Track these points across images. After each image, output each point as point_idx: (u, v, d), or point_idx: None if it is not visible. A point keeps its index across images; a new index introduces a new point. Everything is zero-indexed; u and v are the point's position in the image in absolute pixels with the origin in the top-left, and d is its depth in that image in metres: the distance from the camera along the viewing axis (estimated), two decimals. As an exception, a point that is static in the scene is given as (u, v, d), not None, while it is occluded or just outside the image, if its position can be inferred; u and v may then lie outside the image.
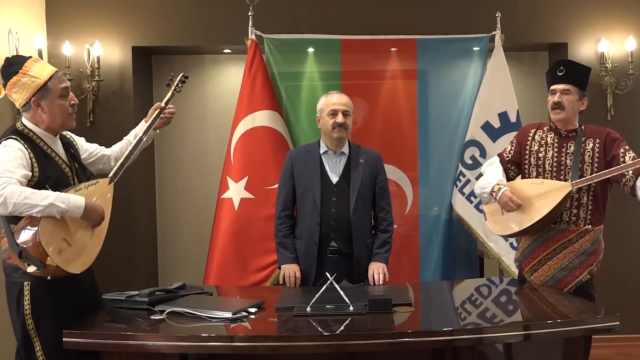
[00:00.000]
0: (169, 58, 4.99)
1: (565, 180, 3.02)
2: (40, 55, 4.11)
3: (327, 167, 3.33)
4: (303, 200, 3.33)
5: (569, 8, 4.59)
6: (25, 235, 2.44)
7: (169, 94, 3.12)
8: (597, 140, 3.03)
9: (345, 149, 3.35)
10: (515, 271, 3.44)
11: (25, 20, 4.17)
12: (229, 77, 5.02)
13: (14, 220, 2.49)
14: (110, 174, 2.83)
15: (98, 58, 4.41)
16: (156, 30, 4.56)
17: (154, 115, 3.04)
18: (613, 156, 2.98)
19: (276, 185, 3.51)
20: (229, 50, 4.90)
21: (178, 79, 3.15)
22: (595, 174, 2.95)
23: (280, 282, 3.35)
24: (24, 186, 2.47)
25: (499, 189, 3.09)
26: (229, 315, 2.47)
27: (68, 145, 2.80)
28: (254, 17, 4.26)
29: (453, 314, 2.80)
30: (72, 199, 2.51)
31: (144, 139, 3.00)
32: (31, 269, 2.44)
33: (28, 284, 2.57)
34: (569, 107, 3.05)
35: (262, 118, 4.17)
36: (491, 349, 2.52)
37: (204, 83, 5.03)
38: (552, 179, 3.07)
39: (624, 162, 2.93)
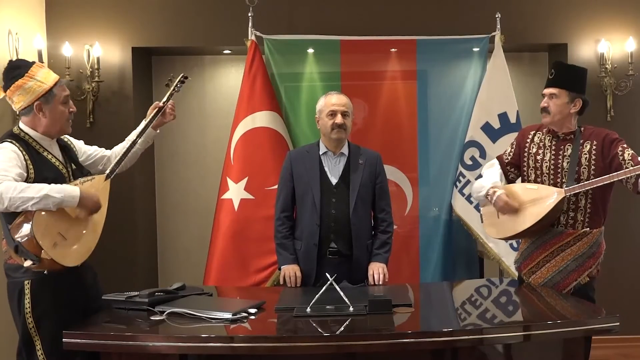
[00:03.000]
0: (168, 59, 4.99)
1: (562, 183, 3.02)
2: (40, 56, 4.11)
3: (326, 168, 3.33)
4: (302, 202, 3.33)
5: (569, 9, 4.59)
6: (21, 230, 2.49)
7: (168, 93, 3.13)
8: (595, 143, 3.01)
9: (345, 150, 3.35)
10: (515, 272, 3.43)
11: (25, 21, 4.17)
12: (228, 78, 5.02)
13: (11, 217, 2.54)
14: (107, 171, 2.87)
15: (98, 59, 4.41)
16: (156, 31, 4.56)
17: (152, 114, 3.07)
18: (612, 156, 2.96)
19: (276, 186, 3.51)
20: (229, 51, 4.90)
21: (178, 79, 3.16)
22: (589, 181, 2.92)
23: (281, 283, 3.35)
24: None
25: (494, 192, 3.08)
26: (228, 316, 2.47)
27: (65, 148, 2.85)
28: (253, 17, 4.26)
29: (453, 315, 2.80)
30: (66, 189, 2.55)
31: (141, 138, 3.03)
32: (27, 263, 2.49)
33: (29, 283, 2.60)
34: (555, 111, 3.04)
35: (262, 119, 4.18)
36: (491, 349, 2.52)
37: (203, 84, 5.04)
38: (549, 181, 3.06)
39: (623, 159, 2.91)
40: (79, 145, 2.98)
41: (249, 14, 4.25)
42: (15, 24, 4.01)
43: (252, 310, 2.57)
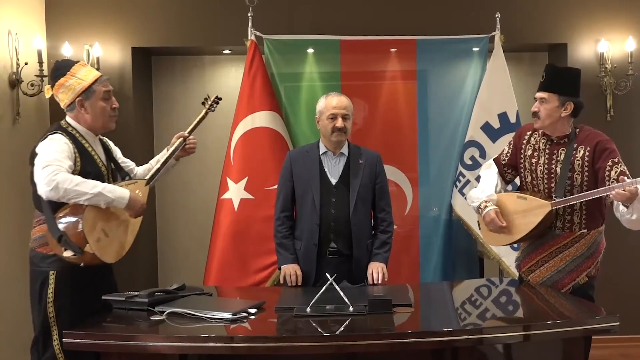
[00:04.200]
0: (168, 59, 4.99)
1: (556, 189, 3.00)
2: (40, 56, 4.11)
3: (326, 168, 3.33)
4: (302, 201, 3.33)
5: (569, 9, 4.59)
6: (67, 222, 2.60)
7: (203, 112, 3.27)
8: (588, 148, 2.97)
9: (345, 150, 3.35)
10: (515, 271, 3.44)
11: (25, 21, 4.17)
12: (228, 78, 5.02)
13: (57, 206, 2.64)
14: (147, 177, 3.03)
15: (97, 59, 4.40)
16: (156, 31, 4.56)
17: (176, 143, 3.16)
18: (599, 168, 2.92)
19: (276, 186, 3.51)
20: (229, 51, 4.90)
21: (212, 99, 3.31)
22: (574, 196, 2.91)
23: (281, 283, 3.36)
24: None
25: (485, 206, 3.09)
26: (228, 315, 2.47)
27: (105, 147, 2.98)
28: (253, 17, 4.26)
29: (453, 315, 2.80)
30: (118, 190, 2.69)
31: (167, 164, 3.12)
32: (68, 253, 2.59)
33: (54, 274, 2.69)
34: (544, 116, 3.02)
35: (261, 119, 4.18)
36: (491, 349, 2.52)
37: (203, 84, 5.03)
38: (543, 185, 3.05)
39: (608, 176, 2.88)
40: (116, 151, 3.10)
41: (249, 14, 4.26)
42: (15, 24, 4.01)
43: (252, 310, 2.57)
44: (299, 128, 4.32)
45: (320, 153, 3.34)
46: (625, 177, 2.75)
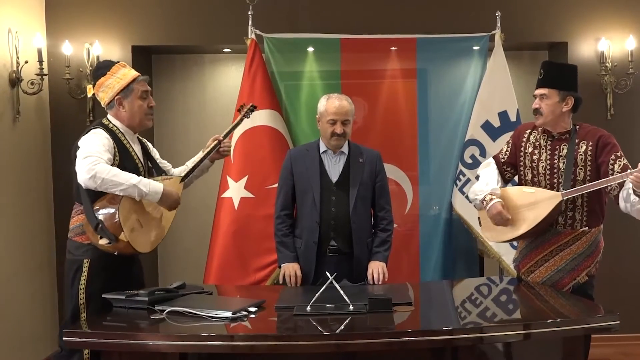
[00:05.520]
0: (168, 57, 4.99)
1: (559, 183, 3.00)
2: (40, 54, 4.11)
3: (326, 167, 3.33)
4: (302, 200, 3.33)
5: (569, 7, 4.59)
6: (105, 211, 2.72)
7: (238, 119, 3.46)
8: (590, 143, 2.98)
9: (345, 149, 3.35)
10: (515, 271, 3.44)
11: (25, 20, 4.17)
12: (228, 77, 5.02)
13: (95, 196, 2.75)
14: (183, 175, 3.15)
15: (98, 57, 4.40)
16: (156, 30, 4.56)
17: (211, 146, 3.25)
18: (602, 162, 2.94)
19: (276, 185, 3.51)
20: (229, 50, 4.90)
21: (248, 107, 3.48)
22: (585, 185, 2.91)
23: (280, 282, 3.36)
24: None
25: (491, 199, 3.08)
26: (229, 314, 2.48)
27: (143, 146, 3.10)
28: (253, 16, 4.26)
29: (453, 313, 2.80)
30: (152, 184, 2.79)
31: (202, 164, 3.25)
32: (103, 241, 2.70)
33: (87, 262, 2.81)
34: (547, 112, 3.02)
35: (261, 117, 4.17)
36: (491, 348, 2.53)
37: (203, 82, 5.03)
38: (545, 182, 3.05)
39: (612, 170, 2.89)
40: (154, 151, 3.21)
41: (249, 13, 4.25)
42: (15, 22, 4.01)
43: (252, 309, 2.58)
44: (299, 127, 4.32)
45: (321, 151, 3.34)
46: (629, 170, 2.76)
